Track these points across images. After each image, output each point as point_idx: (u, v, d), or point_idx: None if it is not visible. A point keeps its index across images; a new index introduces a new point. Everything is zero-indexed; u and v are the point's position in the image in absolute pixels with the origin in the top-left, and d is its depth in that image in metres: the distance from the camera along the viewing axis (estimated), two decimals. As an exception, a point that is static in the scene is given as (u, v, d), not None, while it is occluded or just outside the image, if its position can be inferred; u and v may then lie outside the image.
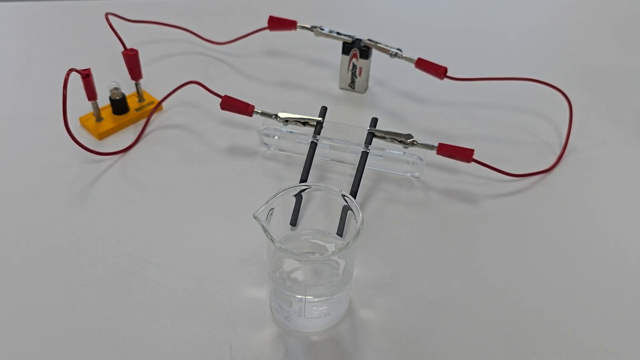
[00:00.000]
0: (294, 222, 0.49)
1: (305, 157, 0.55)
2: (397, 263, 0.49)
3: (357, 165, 0.54)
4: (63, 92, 0.54)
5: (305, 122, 0.56)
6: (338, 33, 0.66)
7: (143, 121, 0.63)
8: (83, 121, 0.62)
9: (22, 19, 0.83)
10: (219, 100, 0.59)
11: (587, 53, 0.78)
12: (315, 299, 0.42)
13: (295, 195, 0.43)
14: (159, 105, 0.63)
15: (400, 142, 0.54)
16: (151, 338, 0.43)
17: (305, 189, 0.43)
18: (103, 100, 0.62)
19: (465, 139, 0.62)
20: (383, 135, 0.55)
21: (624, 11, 0.88)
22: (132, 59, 0.61)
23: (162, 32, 0.75)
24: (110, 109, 0.63)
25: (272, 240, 0.38)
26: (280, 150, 0.60)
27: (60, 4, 0.84)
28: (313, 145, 0.55)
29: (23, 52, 0.76)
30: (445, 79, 0.62)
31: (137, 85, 0.64)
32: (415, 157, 0.55)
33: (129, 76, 0.63)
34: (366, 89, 0.68)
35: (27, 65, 0.73)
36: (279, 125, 0.58)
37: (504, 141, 0.62)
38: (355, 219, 0.40)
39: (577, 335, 0.44)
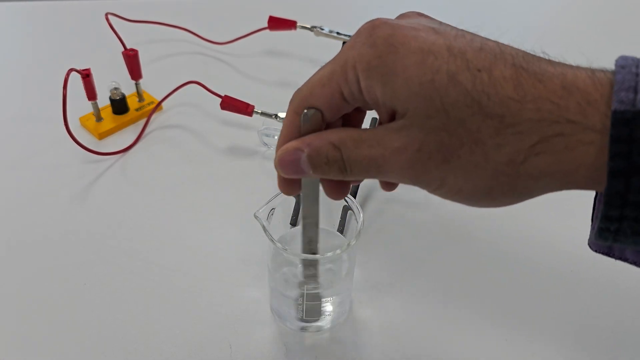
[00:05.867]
0: (294, 222, 0.49)
1: (305, 157, 0.55)
2: (397, 263, 0.49)
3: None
4: (63, 92, 0.54)
5: (305, 122, 0.56)
6: (338, 33, 0.66)
7: (143, 121, 0.63)
8: (83, 121, 0.62)
9: (22, 19, 0.83)
10: (219, 100, 0.59)
11: (588, 54, 0.78)
12: (316, 299, 0.42)
13: (295, 196, 0.43)
14: (159, 105, 0.63)
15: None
16: (151, 338, 0.43)
17: (306, 189, 0.43)
18: (103, 100, 0.62)
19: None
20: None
21: (626, 11, 0.88)
22: (132, 59, 0.61)
23: (162, 32, 0.75)
24: (110, 109, 0.63)
25: (272, 240, 0.38)
26: (280, 150, 0.60)
27: (60, 4, 0.84)
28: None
29: (23, 52, 0.76)
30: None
31: (137, 85, 0.64)
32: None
33: (129, 76, 0.63)
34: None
35: (27, 65, 0.73)
36: (279, 125, 0.58)
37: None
38: (356, 219, 0.40)
39: (577, 335, 0.44)
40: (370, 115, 0.59)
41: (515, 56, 0.25)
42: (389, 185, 0.33)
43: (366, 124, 0.34)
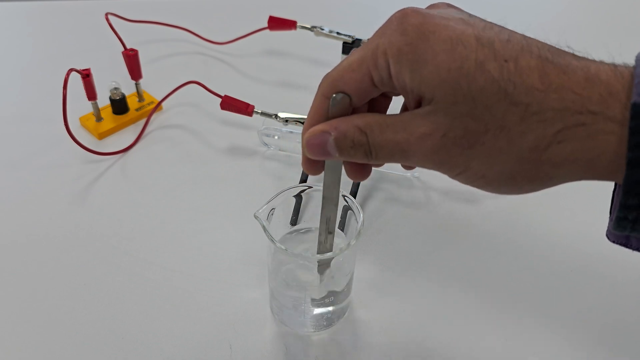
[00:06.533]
0: (294, 222, 0.49)
1: (305, 157, 0.55)
2: (397, 263, 0.49)
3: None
4: (63, 92, 0.54)
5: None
6: (338, 33, 0.66)
7: (143, 121, 0.63)
8: (83, 121, 0.62)
9: (22, 19, 0.83)
10: (219, 100, 0.59)
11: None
12: (316, 299, 0.42)
13: (295, 196, 0.43)
14: (159, 105, 0.63)
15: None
16: (151, 338, 0.43)
17: (306, 189, 0.43)
18: (103, 100, 0.62)
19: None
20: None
21: (628, 10, 0.88)
22: (132, 59, 0.61)
23: (162, 32, 0.75)
24: (110, 109, 0.63)
25: (272, 240, 0.38)
26: (280, 150, 0.60)
27: (60, 4, 0.84)
28: (313, 145, 0.55)
29: (23, 51, 0.76)
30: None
31: (137, 85, 0.64)
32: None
33: (129, 76, 0.63)
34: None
35: (27, 65, 0.73)
36: (279, 125, 0.58)
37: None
38: (356, 219, 0.40)
39: (578, 335, 0.44)
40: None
41: (541, 48, 0.26)
42: (408, 166, 0.34)
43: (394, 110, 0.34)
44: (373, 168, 0.35)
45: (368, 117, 0.29)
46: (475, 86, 0.25)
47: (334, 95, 0.29)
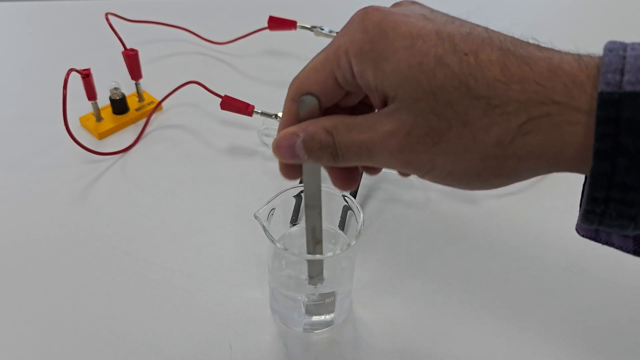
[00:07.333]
0: (294, 222, 0.49)
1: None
2: (397, 263, 0.49)
3: (357, 165, 0.53)
4: (63, 92, 0.54)
5: (305, 122, 0.56)
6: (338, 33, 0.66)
7: (143, 121, 0.63)
8: (83, 121, 0.62)
9: (22, 19, 0.83)
10: (219, 100, 0.59)
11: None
12: (316, 300, 0.42)
13: (295, 196, 0.43)
14: (159, 105, 0.63)
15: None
16: (151, 338, 0.43)
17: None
18: (103, 100, 0.62)
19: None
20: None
21: (626, 9, 0.88)
22: (132, 59, 0.61)
23: (162, 32, 0.75)
24: (110, 109, 0.63)
25: (272, 240, 0.38)
26: (280, 150, 0.60)
27: (60, 4, 0.84)
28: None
29: (23, 51, 0.76)
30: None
31: (137, 85, 0.64)
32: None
33: (129, 76, 0.63)
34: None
35: (27, 65, 0.73)
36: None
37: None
38: (356, 219, 0.40)
39: (578, 334, 0.44)
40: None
41: (503, 41, 0.26)
42: (372, 170, 0.34)
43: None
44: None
45: (335, 119, 0.29)
46: (436, 82, 0.25)
47: (302, 97, 0.29)
